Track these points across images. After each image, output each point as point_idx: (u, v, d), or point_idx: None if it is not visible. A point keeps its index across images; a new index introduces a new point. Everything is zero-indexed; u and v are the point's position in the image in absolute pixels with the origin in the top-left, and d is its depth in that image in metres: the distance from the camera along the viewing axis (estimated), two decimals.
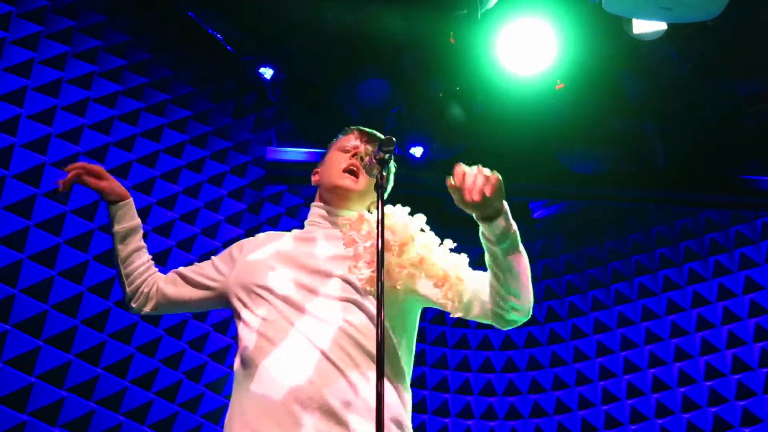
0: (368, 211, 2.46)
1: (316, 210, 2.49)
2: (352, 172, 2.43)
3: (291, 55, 4.74)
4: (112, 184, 2.50)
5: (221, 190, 4.70)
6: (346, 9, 4.39)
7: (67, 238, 3.90)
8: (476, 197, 2.01)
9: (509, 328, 2.24)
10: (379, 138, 2.46)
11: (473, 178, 2.03)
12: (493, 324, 2.23)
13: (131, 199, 2.52)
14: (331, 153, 2.51)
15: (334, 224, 2.43)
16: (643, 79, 4.72)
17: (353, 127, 2.57)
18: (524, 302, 2.16)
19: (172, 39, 4.67)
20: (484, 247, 2.12)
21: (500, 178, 2.04)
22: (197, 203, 4.55)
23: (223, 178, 4.74)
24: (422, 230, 2.33)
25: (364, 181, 2.42)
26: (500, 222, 2.06)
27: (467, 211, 2.05)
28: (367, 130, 2.54)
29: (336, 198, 2.44)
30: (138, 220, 2.52)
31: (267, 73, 4.81)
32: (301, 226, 2.51)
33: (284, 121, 5.13)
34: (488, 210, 2.04)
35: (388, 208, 2.33)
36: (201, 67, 4.80)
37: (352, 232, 2.30)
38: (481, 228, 2.09)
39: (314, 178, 2.55)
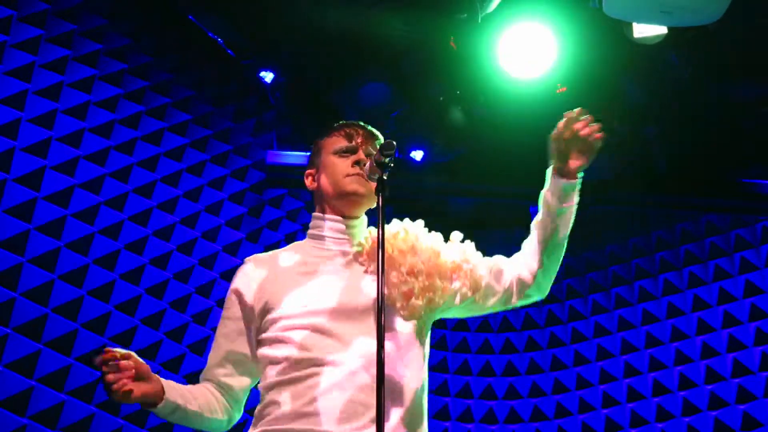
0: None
1: (325, 223, 2.37)
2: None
3: (291, 59, 4.74)
4: (155, 384, 2.21)
5: (222, 193, 4.70)
6: (346, 12, 4.39)
7: (68, 241, 3.90)
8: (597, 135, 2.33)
9: (524, 303, 2.40)
10: (372, 132, 2.44)
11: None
12: (509, 305, 2.37)
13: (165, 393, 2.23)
14: (327, 158, 2.38)
15: (349, 236, 2.36)
16: (644, 83, 4.72)
17: (342, 123, 2.45)
18: (551, 278, 2.37)
19: (172, 43, 4.68)
20: (550, 209, 2.34)
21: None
22: (198, 206, 4.55)
23: (224, 181, 4.74)
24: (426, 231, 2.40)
25: (372, 182, 2.31)
26: (577, 184, 2.33)
27: (576, 152, 2.32)
28: (358, 125, 2.43)
29: (347, 205, 2.35)
30: (177, 395, 2.26)
31: (267, 76, 4.81)
32: (302, 230, 2.48)
33: (284, 125, 5.14)
34: (591, 156, 2.33)
35: (401, 225, 2.38)
36: (202, 71, 4.80)
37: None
38: (561, 185, 2.32)
39: (310, 183, 2.43)
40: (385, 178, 2.18)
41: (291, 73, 4.82)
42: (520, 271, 2.36)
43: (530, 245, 2.38)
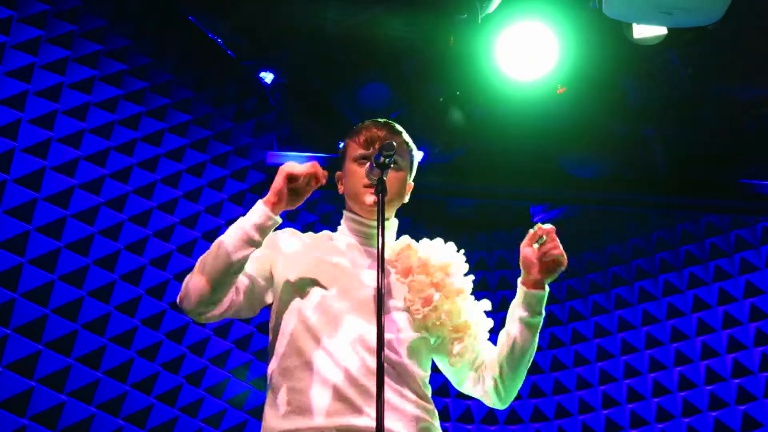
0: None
1: (349, 221, 2.45)
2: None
3: (291, 60, 4.75)
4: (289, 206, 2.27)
5: (222, 194, 4.70)
6: (346, 13, 4.39)
7: (68, 242, 3.90)
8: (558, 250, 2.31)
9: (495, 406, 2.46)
10: (393, 133, 2.44)
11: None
12: (483, 399, 2.44)
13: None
14: (349, 165, 2.41)
15: (368, 235, 2.42)
16: (644, 84, 4.72)
17: (364, 125, 2.45)
18: (513, 391, 2.38)
19: (172, 43, 4.68)
20: (521, 321, 2.31)
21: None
22: (198, 207, 4.55)
23: (224, 182, 4.74)
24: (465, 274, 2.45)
25: (391, 189, 2.33)
26: (546, 294, 2.32)
27: (546, 270, 2.31)
28: (379, 128, 2.43)
29: (366, 213, 2.41)
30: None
31: (267, 77, 4.81)
32: (302, 230, 2.50)
33: (285, 126, 5.13)
34: (556, 274, 2.32)
35: (438, 241, 2.45)
36: (202, 72, 4.81)
37: (406, 260, 2.35)
38: (527, 298, 2.30)
39: (339, 187, 2.48)
40: (384, 178, 2.19)
41: (291, 74, 4.82)
42: (488, 377, 2.40)
43: (498, 357, 2.38)
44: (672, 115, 4.88)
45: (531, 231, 2.31)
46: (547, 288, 2.34)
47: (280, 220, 2.24)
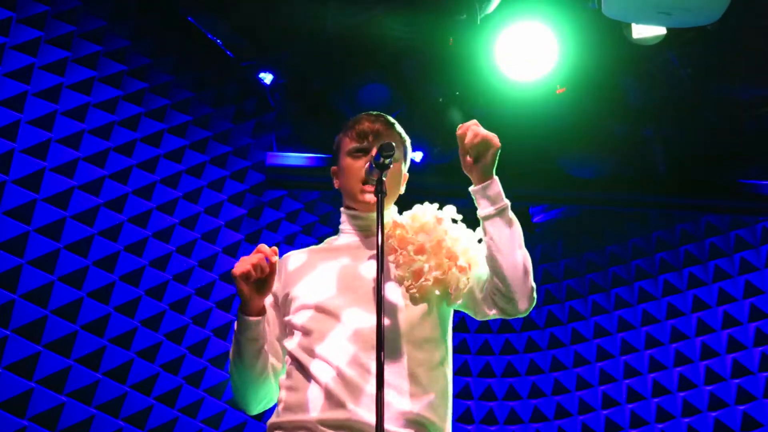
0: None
1: (348, 217, 2.44)
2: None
3: (291, 60, 4.74)
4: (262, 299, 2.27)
5: (221, 194, 4.70)
6: (346, 13, 4.39)
7: (67, 243, 3.90)
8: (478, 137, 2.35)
9: (506, 317, 2.29)
10: (386, 125, 2.42)
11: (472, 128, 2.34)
12: (497, 314, 2.28)
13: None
14: (344, 159, 2.40)
15: (368, 228, 2.40)
16: (643, 84, 4.72)
17: (356, 119, 2.43)
18: (516, 291, 2.21)
19: (172, 44, 4.68)
20: (481, 221, 2.25)
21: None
22: (197, 208, 4.55)
23: (223, 183, 4.74)
24: (454, 221, 2.40)
25: (389, 186, 2.29)
26: (491, 183, 2.29)
27: (477, 159, 2.34)
28: (370, 120, 2.41)
29: (362, 207, 2.40)
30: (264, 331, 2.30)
31: (267, 78, 4.81)
32: (301, 231, 2.51)
33: (284, 126, 5.13)
34: (490, 156, 2.31)
35: (417, 207, 2.40)
36: (201, 72, 4.81)
37: (391, 241, 2.32)
38: (476, 195, 2.30)
39: (335, 182, 2.46)
40: (384, 178, 2.19)
41: (290, 75, 4.82)
42: (492, 289, 2.25)
43: (488, 265, 2.26)
44: (672, 115, 4.87)
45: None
46: (494, 177, 2.33)
47: (261, 316, 2.25)
